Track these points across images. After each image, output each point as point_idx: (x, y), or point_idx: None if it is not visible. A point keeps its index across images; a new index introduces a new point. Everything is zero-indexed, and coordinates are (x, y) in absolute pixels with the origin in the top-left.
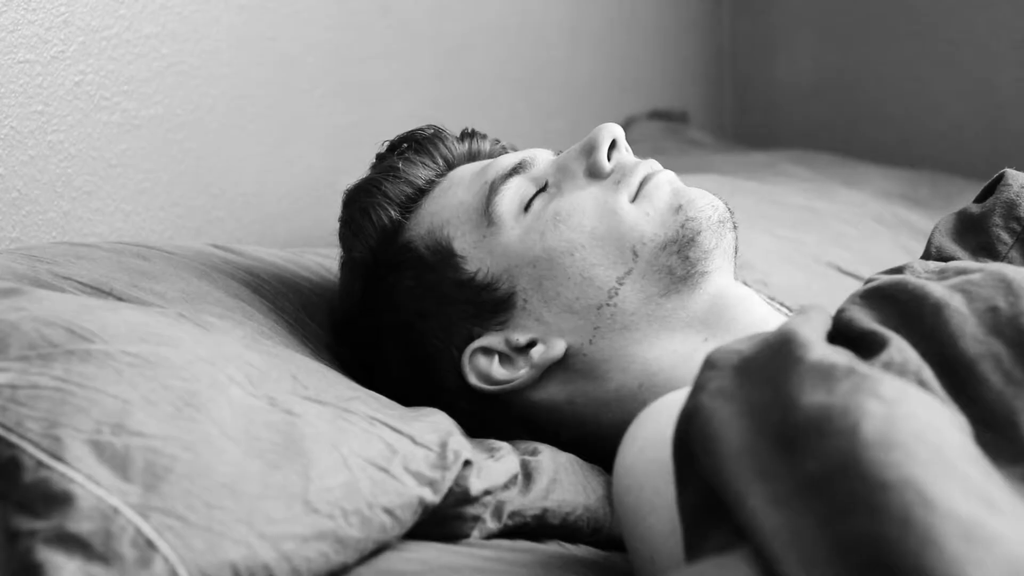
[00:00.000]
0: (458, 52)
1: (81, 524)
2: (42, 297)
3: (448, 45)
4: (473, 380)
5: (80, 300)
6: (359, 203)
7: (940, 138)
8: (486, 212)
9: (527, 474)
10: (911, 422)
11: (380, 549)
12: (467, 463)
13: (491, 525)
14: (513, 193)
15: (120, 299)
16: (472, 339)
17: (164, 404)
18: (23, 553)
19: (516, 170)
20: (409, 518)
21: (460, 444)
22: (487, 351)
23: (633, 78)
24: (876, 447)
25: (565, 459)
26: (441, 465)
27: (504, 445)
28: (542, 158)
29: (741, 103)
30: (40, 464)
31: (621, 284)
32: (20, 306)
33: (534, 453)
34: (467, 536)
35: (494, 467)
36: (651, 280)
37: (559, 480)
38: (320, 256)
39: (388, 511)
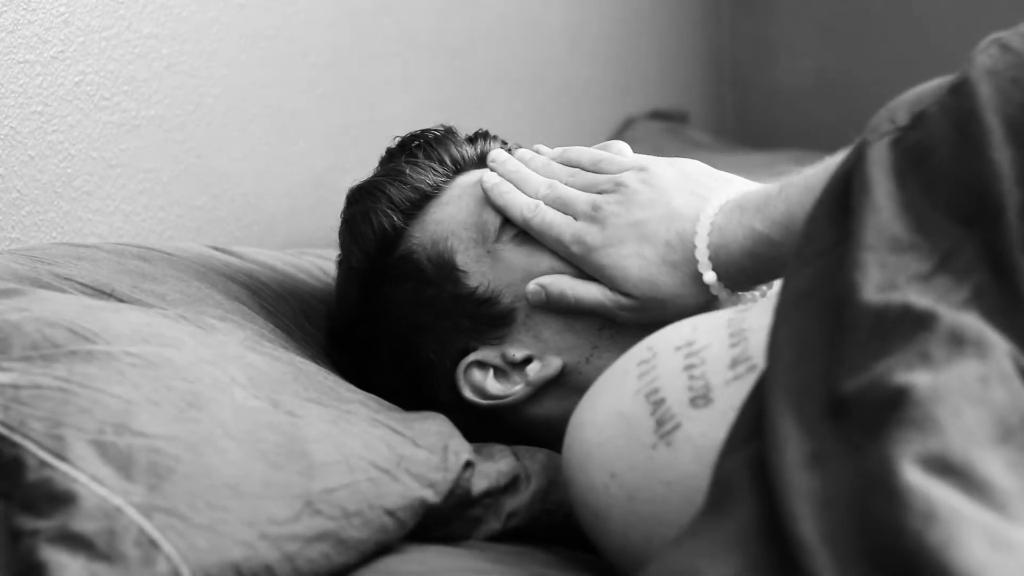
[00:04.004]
0: (458, 52)
1: (84, 524)
2: (44, 298)
3: (448, 45)
4: (467, 394)
5: (82, 301)
6: (361, 205)
7: None
8: (484, 233)
9: (527, 476)
10: (947, 406)
11: (381, 550)
12: (468, 464)
13: (491, 526)
14: None
15: (121, 300)
16: (468, 352)
17: (167, 405)
18: (26, 553)
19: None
20: (410, 519)
21: (461, 446)
22: (482, 365)
23: (633, 78)
24: (912, 431)
25: None
26: (442, 467)
27: (504, 447)
28: None
29: (741, 103)
30: (43, 464)
31: None
32: (22, 307)
33: (534, 455)
34: (468, 537)
35: (494, 469)
36: None
37: (559, 482)
38: (320, 258)
39: (390, 512)
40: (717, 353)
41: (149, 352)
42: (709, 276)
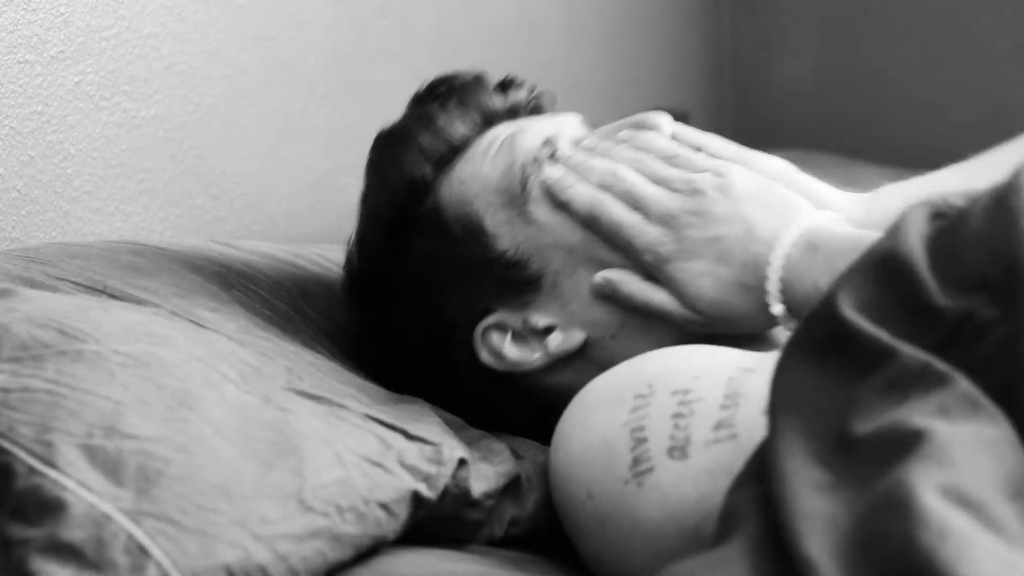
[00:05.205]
0: (458, 52)
1: (73, 532)
2: (34, 298)
3: (448, 45)
4: (484, 356)
5: (73, 300)
6: (392, 151)
7: (940, 138)
8: (520, 193)
9: (528, 480)
10: (965, 451)
11: (381, 550)
12: (462, 462)
13: (493, 532)
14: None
15: (114, 297)
16: (488, 314)
17: (157, 404)
18: (17, 562)
19: (543, 150)
20: (404, 513)
21: (455, 443)
22: (502, 329)
23: (633, 78)
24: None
25: None
26: (436, 460)
27: (503, 448)
28: (568, 131)
29: (741, 103)
30: (32, 471)
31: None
32: (12, 307)
33: (535, 457)
34: (470, 541)
35: (492, 471)
36: None
37: None
38: (319, 256)
39: (383, 506)
40: (706, 410)
41: (139, 351)
42: (777, 309)
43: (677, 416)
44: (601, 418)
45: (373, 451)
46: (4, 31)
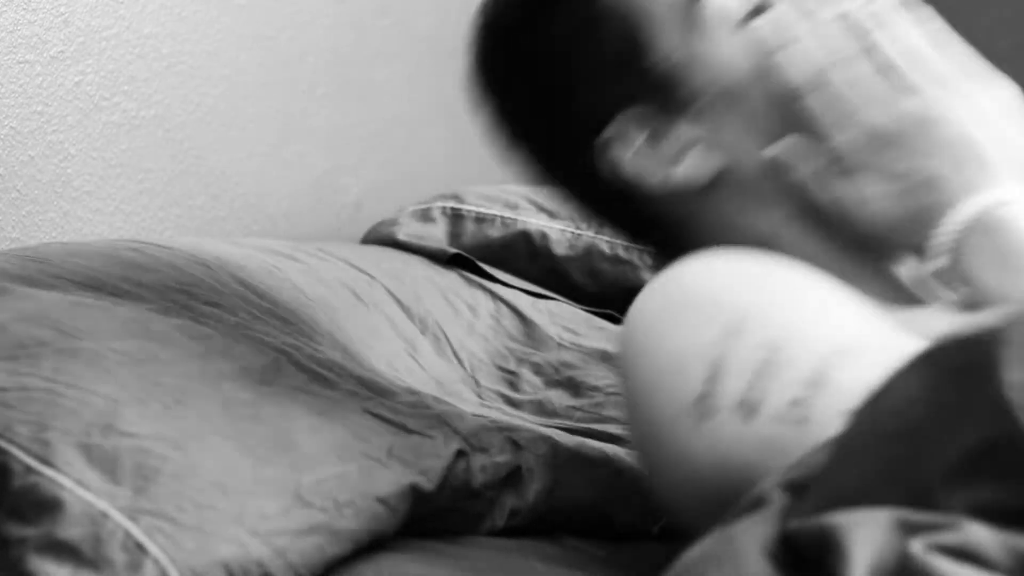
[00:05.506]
0: (458, 52)
1: (70, 530)
2: (31, 296)
3: (448, 45)
4: (600, 161)
5: (69, 298)
6: None
7: None
8: (691, 13)
9: (529, 471)
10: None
11: (381, 545)
12: (460, 453)
13: (495, 521)
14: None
15: (112, 294)
16: (621, 112)
17: (153, 402)
18: (15, 561)
19: None
20: (403, 506)
21: (452, 436)
22: (632, 135)
23: None
24: None
25: (568, 455)
26: (434, 454)
27: (503, 441)
28: None
29: None
30: (29, 469)
31: None
32: (8, 306)
33: (536, 447)
34: (472, 532)
35: (490, 461)
36: None
37: (561, 481)
38: (322, 244)
39: (382, 500)
40: (789, 380)
41: (136, 348)
42: (930, 265)
43: (759, 373)
44: (686, 328)
45: (371, 445)
46: (4, 31)
